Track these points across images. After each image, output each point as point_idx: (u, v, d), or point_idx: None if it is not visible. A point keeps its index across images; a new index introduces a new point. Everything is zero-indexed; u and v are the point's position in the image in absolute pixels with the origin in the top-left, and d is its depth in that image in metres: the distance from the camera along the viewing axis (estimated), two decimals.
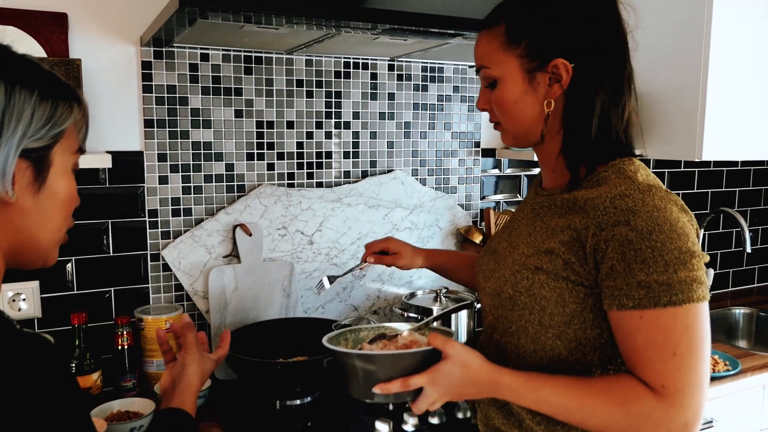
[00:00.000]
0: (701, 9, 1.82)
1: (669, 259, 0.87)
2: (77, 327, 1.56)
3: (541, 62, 0.97)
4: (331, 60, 1.91)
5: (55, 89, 0.77)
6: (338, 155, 1.97)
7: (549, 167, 1.07)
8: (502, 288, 1.05)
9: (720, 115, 1.87)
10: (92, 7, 1.62)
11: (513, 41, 0.98)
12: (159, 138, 1.72)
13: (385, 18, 1.37)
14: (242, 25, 1.39)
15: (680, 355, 0.87)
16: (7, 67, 0.73)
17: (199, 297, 1.80)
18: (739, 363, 1.85)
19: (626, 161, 0.99)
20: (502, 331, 1.06)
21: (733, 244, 2.78)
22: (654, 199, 0.90)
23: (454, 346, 0.96)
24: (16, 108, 0.71)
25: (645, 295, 0.87)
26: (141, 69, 1.68)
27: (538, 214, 1.05)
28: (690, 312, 0.87)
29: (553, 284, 0.96)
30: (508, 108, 1.01)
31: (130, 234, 1.72)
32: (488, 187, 2.24)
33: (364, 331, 1.18)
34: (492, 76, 1.01)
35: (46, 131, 0.74)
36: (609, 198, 0.92)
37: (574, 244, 0.94)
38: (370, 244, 1.51)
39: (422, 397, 0.97)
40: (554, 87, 0.98)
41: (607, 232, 0.90)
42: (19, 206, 0.74)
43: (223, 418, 1.55)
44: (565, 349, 0.98)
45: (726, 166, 2.70)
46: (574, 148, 1.00)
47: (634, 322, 0.89)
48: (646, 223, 0.88)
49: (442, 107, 2.10)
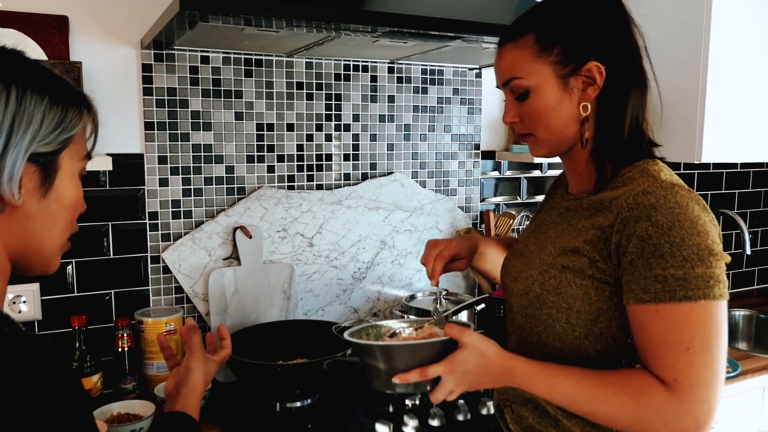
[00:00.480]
0: (700, 11, 1.83)
1: (687, 255, 0.88)
2: (77, 329, 1.56)
3: (575, 67, 0.99)
4: (331, 62, 1.92)
5: (66, 95, 0.78)
6: (338, 157, 1.97)
7: (577, 172, 1.09)
8: (530, 288, 1.07)
9: (719, 116, 1.88)
10: (93, 10, 1.62)
11: (545, 49, 1.00)
12: (159, 140, 1.73)
13: (385, 21, 1.38)
14: (243, 28, 1.39)
15: (694, 350, 0.88)
16: (20, 72, 0.74)
17: (199, 299, 1.80)
18: (739, 365, 1.86)
19: (650, 162, 1.01)
20: (531, 330, 1.08)
21: (732, 246, 2.78)
22: (676, 196, 0.91)
23: (470, 335, 0.98)
24: (27, 112, 0.72)
25: (661, 289, 0.88)
26: (141, 71, 1.69)
27: (565, 218, 1.07)
28: (706, 308, 0.88)
29: (580, 282, 0.98)
30: (543, 116, 1.02)
31: (130, 236, 1.73)
32: (488, 189, 2.24)
33: (384, 327, 1.19)
34: (524, 86, 1.02)
35: (55, 136, 0.75)
36: (632, 195, 0.93)
37: (598, 242, 0.96)
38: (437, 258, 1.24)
39: (440, 386, 1.00)
40: (588, 90, 1.00)
41: (629, 228, 0.92)
42: (25, 210, 0.74)
43: (222, 420, 1.55)
44: (591, 347, 1.00)
45: (725, 168, 2.71)
46: (607, 148, 1.02)
47: (649, 316, 0.90)
48: (666, 219, 0.89)
49: (441, 110, 2.11)
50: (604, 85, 0.99)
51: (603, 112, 1.01)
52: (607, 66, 0.99)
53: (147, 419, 1.45)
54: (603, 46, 0.99)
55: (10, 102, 0.71)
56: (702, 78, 1.84)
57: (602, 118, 1.02)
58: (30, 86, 0.73)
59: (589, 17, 1.00)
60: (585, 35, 0.99)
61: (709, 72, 1.83)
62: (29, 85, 0.73)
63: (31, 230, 0.76)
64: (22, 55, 0.77)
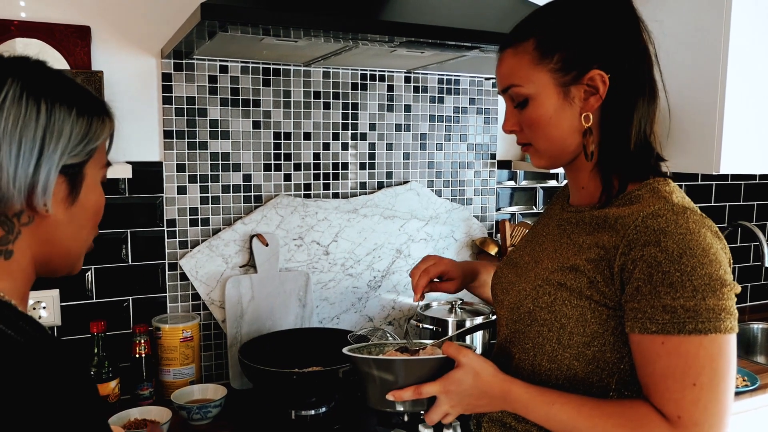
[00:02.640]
0: (719, 21, 1.82)
1: (698, 285, 0.83)
2: (96, 335, 1.57)
3: (576, 75, 0.94)
4: (348, 72, 1.93)
5: (91, 106, 0.79)
6: (354, 166, 1.98)
7: (579, 184, 1.03)
8: (521, 302, 1.02)
9: (738, 127, 1.86)
10: (114, 21, 1.65)
11: (545, 56, 0.94)
12: (178, 149, 1.75)
13: (403, 31, 1.38)
14: (261, 38, 1.41)
15: (700, 386, 0.83)
16: (47, 85, 0.75)
17: (215, 306, 1.81)
18: (757, 378, 1.83)
19: (661, 181, 0.96)
20: (518, 346, 1.03)
21: (751, 258, 2.75)
22: (688, 221, 0.87)
23: (467, 355, 0.96)
24: (57, 126, 0.73)
25: (669, 320, 0.84)
26: (161, 81, 1.71)
27: (564, 230, 1.02)
28: (715, 342, 0.83)
29: (576, 302, 0.94)
30: (542, 126, 0.97)
31: (148, 243, 1.74)
32: (504, 199, 2.24)
33: (388, 347, 1.18)
34: (522, 94, 0.97)
35: (82, 147, 0.76)
36: (641, 217, 0.88)
37: (601, 262, 0.91)
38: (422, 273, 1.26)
39: (435, 407, 0.97)
40: (591, 100, 0.94)
41: (636, 252, 0.87)
42: (52, 219, 0.76)
43: (238, 427, 1.55)
44: (582, 370, 0.95)
45: (744, 180, 2.68)
46: (612, 161, 0.97)
47: (655, 347, 0.86)
48: (677, 246, 0.84)
49: (458, 119, 2.11)
50: (608, 95, 0.94)
51: (607, 124, 0.96)
52: (611, 75, 0.93)
53: (164, 425, 1.45)
54: (607, 54, 0.93)
55: (40, 116, 0.72)
56: (721, 86, 1.83)
57: (607, 130, 0.96)
58: (58, 99, 0.74)
59: (592, 23, 0.94)
60: (587, 42, 0.94)
61: (728, 80, 1.82)
62: (57, 98, 0.74)
63: (58, 238, 0.78)
64: (45, 66, 0.78)
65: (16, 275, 0.75)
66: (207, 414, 1.55)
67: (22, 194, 0.71)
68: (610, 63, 0.93)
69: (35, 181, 0.72)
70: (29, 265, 0.77)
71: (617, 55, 0.94)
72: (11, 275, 0.74)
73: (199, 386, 1.67)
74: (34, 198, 0.72)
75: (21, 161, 0.70)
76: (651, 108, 0.97)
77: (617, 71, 0.93)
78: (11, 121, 0.70)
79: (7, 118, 0.70)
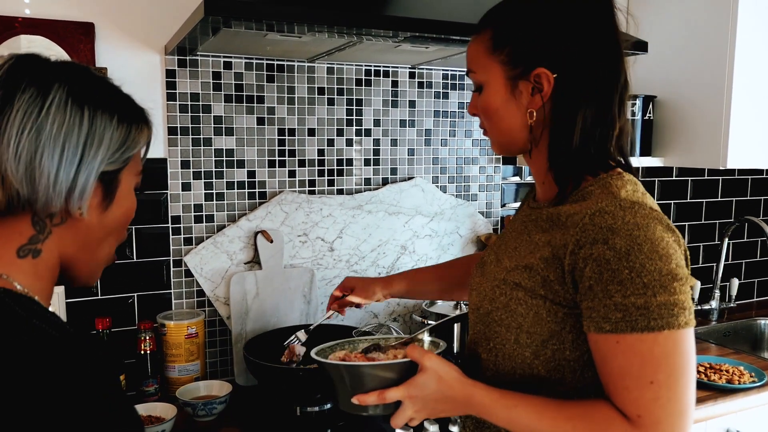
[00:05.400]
0: (726, 16, 1.81)
1: (648, 281, 0.82)
2: (101, 332, 1.58)
3: (523, 70, 0.94)
4: (353, 68, 1.93)
5: (131, 113, 0.80)
6: (359, 162, 1.98)
7: (540, 179, 1.03)
8: (481, 303, 1.03)
9: (745, 122, 1.85)
10: (118, 17, 1.65)
11: (497, 47, 0.96)
12: (182, 145, 1.74)
13: (407, 26, 1.38)
14: (265, 34, 1.40)
15: (658, 384, 0.82)
16: (91, 92, 0.76)
17: (220, 303, 1.81)
18: (765, 374, 1.82)
19: (614, 175, 0.94)
20: (482, 346, 1.03)
21: (758, 254, 2.74)
22: (636, 216, 0.85)
23: (431, 359, 0.95)
24: (98, 133, 0.74)
25: (622, 319, 0.83)
26: (165, 77, 1.71)
27: (526, 228, 1.01)
28: (670, 339, 0.82)
29: (531, 302, 0.93)
30: (491, 115, 0.99)
31: (153, 240, 1.74)
32: (509, 195, 2.23)
33: (361, 343, 1.18)
34: (477, 81, 1.00)
35: (119, 155, 0.77)
36: (588, 214, 0.87)
37: (553, 261, 0.91)
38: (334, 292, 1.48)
39: (399, 411, 0.97)
40: (536, 97, 0.94)
41: (585, 251, 0.86)
42: (85, 223, 0.77)
43: (243, 424, 1.55)
44: (543, 368, 0.94)
45: (751, 174, 2.67)
46: (559, 160, 0.96)
47: (610, 347, 0.85)
48: (624, 242, 0.83)
49: (462, 115, 2.10)
50: (555, 94, 0.93)
51: (552, 122, 0.95)
52: (557, 75, 0.92)
53: (169, 422, 1.46)
54: (556, 55, 0.92)
55: (83, 123, 0.73)
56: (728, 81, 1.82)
57: (552, 128, 0.95)
58: (100, 106, 0.75)
59: (545, 21, 0.93)
60: (536, 40, 0.93)
61: (734, 77, 1.81)
62: (100, 105, 0.75)
63: (87, 241, 0.79)
64: (90, 72, 0.79)
65: (42, 274, 0.76)
66: (212, 410, 1.55)
67: (60, 198, 0.73)
68: (557, 63, 0.92)
69: (74, 185, 0.73)
70: (55, 266, 0.78)
71: (566, 56, 0.92)
72: (37, 274, 0.76)
73: (204, 383, 1.67)
74: (71, 202, 0.74)
75: (63, 166, 0.72)
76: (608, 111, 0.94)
77: (564, 72, 0.92)
78: (56, 126, 0.72)
79: (52, 123, 0.71)
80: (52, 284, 0.79)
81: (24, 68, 0.74)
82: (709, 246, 2.61)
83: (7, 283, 0.72)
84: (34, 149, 0.71)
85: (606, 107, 0.94)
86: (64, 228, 0.76)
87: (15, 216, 0.73)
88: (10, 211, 0.73)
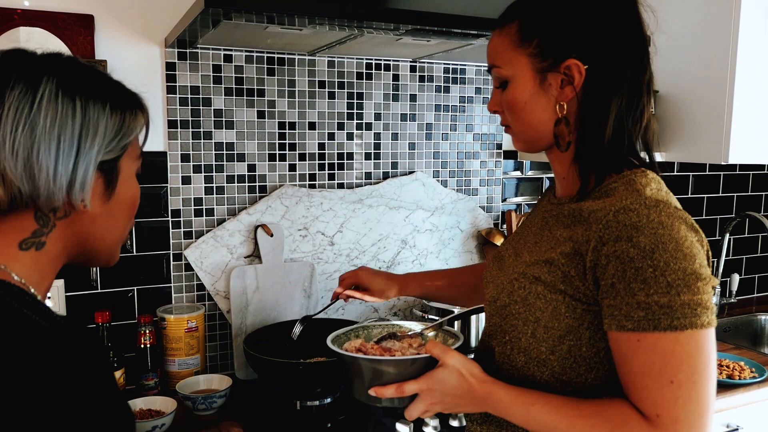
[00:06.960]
0: (728, 11, 1.80)
1: (672, 281, 0.82)
2: (101, 325, 1.57)
3: (553, 62, 0.92)
4: (353, 61, 1.92)
5: (124, 100, 0.79)
6: (360, 156, 1.97)
7: (561, 175, 1.02)
8: (498, 295, 1.02)
9: (747, 117, 1.85)
10: (118, 9, 1.64)
11: (525, 39, 0.94)
12: (182, 138, 1.74)
13: (409, 19, 1.37)
14: (266, 26, 1.40)
15: (678, 383, 0.82)
16: (81, 82, 0.75)
17: (220, 297, 1.81)
18: (765, 370, 1.82)
19: (638, 173, 0.93)
20: (497, 339, 1.03)
21: (759, 249, 2.73)
22: (660, 215, 0.84)
23: (452, 356, 0.96)
24: (92, 123, 0.74)
25: (644, 317, 0.82)
26: (165, 70, 1.70)
27: (547, 223, 1.01)
28: (692, 338, 0.82)
29: (550, 296, 0.92)
30: (518, 110, 0.97)
31: (153, 234, 1.74)
32: (510, 190, 2.22)
33: (375, 329, 1.18)
34: (502, 75, 0.98)
35: (116, 143, 0.77)
36: (613, 211, 0.86)
37: (575, 256, 0.90)
38: (343, 276, 1.47)
39: (415, 403, 0.98)
40: (566, 89, 0.93)
41: (608, 248, 0.85)
42: (90, 214, 0.77)
43: (243, 417, 1.55)
44: (558, 365, 0.94)
45: (752, 170, 2.66)
46: (588, 154, 0.95)
47: (631, 345, 0.84)
48: (649, 241, 0.82)
49: (463, 109, 2.10)
50: (586, 86, 0.92)
51: (582, 115, 0.93)
52: (588, 66, 0.91)
53: (169, 415, 1.45)
54: (586, 44, 0.91)
55: (76, 114, 0.73)
56: (730, 76, 1.81)
57: (583, 121, 0.94)
58: (92, 96, 0.75)
59: (574, 11, 0.92)
60: (566, 30, 0.92)
61: (737, 72, 1.80)
62: (91, 94, 0.75)
63: (94, 231, 0.79)
64: (78, 62, 0.78)
65: (43, 266, 0.76)
66: (212, 404, 1.55)
67: (62, 191, 0.73)
68: (588, 53, 0.91)
69: (74, 178, 0.73)
70: (59, 257, 0.78)
71: (597, 47, 0.91)
72: (38, 265, 0.76)
73: (204, 376, 1.67)
74: (72, 195, 0.73)
75: (60, 159, 0.72)
76: (639, 103, 0.94)
77: (596, 63, 0.91)
78: (50, 120, 0.71)
79: (45, 117, 0.71)
80: (53, 276, 0.79)
81: (10, 64, 0.73)
82: (710, 241, 2.60)
83: (5, 274, 0.72)
84: (30, 145, 0.70)
85: (637, 98, 0.94)
86: (70, 220, 0.76)
87: (18, 212, 0.73)
88: (13, 208, 0.72)
